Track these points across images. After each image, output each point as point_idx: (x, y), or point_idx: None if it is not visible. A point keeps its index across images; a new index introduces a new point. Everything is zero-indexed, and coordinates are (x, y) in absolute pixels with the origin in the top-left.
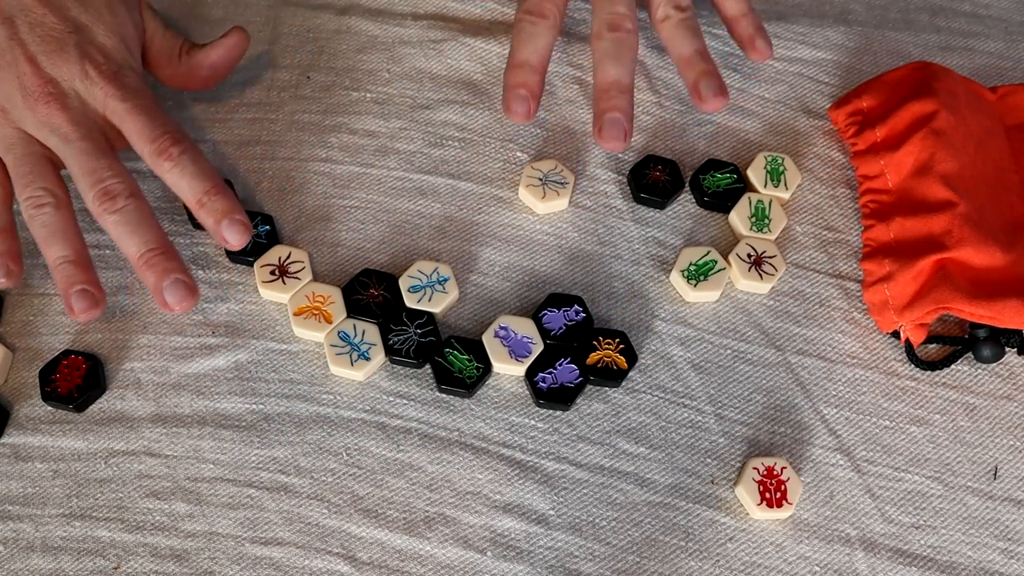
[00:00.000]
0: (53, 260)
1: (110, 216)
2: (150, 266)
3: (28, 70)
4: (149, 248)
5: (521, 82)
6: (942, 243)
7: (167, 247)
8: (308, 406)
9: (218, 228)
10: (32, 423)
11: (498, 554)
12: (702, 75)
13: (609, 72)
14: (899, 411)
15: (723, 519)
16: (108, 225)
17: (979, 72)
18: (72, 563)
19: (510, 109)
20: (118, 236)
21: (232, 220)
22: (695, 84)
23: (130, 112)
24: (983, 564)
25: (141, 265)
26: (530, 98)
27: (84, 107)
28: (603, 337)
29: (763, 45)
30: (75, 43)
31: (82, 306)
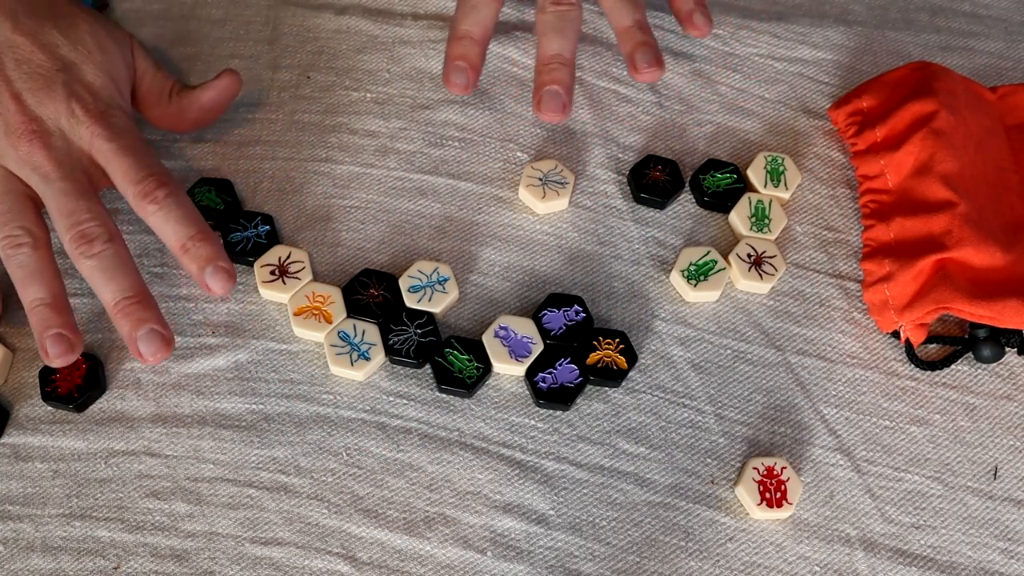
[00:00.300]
0: (29, 303)
1: (87, 260)
2: (125, 315)
3: (12, 107)
4: (125, 296)
5: (461, 54)
6: (942, 243)
7: (144, 295)
8: (308, 406)
9: (201, 275)
10: (32, 423)
11: (498, 554)
12: (638, 46)
13: (552, 44)
14: (899, 411)
15: (723, 519)
16: (84, 270)
17: (979, 72)
18: (72, 563)
19: (449, 80)
20: (94, 281)
21: (216, 268)
22: (631, 54)
23: (116, 152)
24: (983, 564)
25: (116, 313)
26: (469, 70)
27: (68, 146)
28: (603, 337)
29: (701, 20)
30: (63, 81)
31: (57, 351)
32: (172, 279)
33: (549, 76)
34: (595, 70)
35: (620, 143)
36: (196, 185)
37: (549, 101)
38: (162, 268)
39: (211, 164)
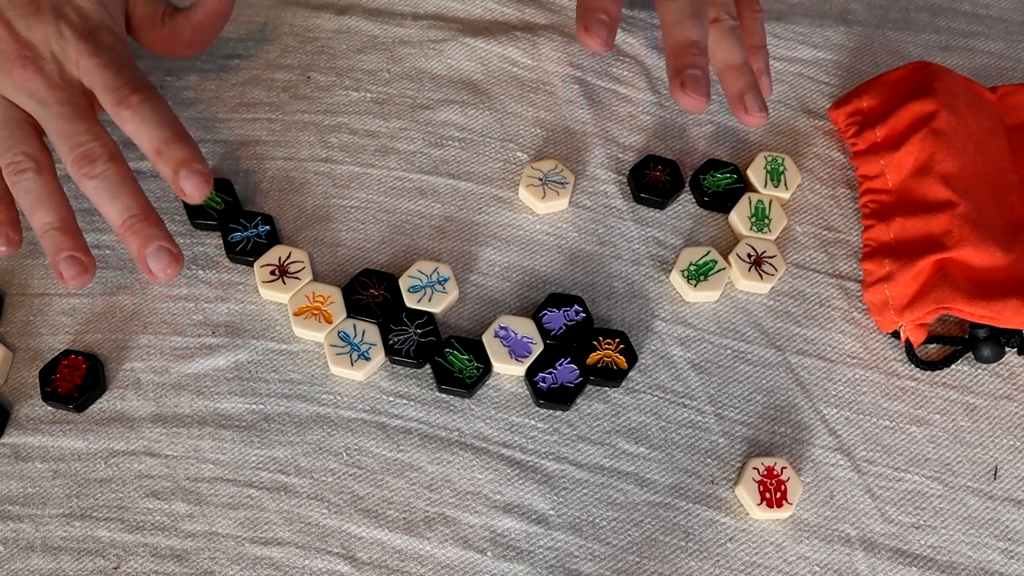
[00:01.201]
0: (39, 227)
1: (90, 181)
2: (132, 232)
3: (3, 34)
4: (132, 214)
5: (601, 6)
6: (942, 243)
7: (149, 213)
8: (308, 406)
9: (176, 179)
10: (32, 423)
11: (498, 554)
12: (748, 87)
13: (691, 31)
14: (899, 411)
15: (723, 519)
16: (88, 190)
17: (979, 72)
18: (72, 563)
19: (589, 31)
20: (98, 201)
21: (191, 170)
22: (740, 94)
23: (97, 67)
24: (983, 564)
25: (124, 231)
26: (611, 24)
27: (61, 70)
28: (603, 337)
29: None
30: (50, 4)
31: (71, 273)
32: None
33: (692, 60)
34: (595, 70)
35: (620, 143)
36: None
37: (694, 83)
38: None
39: (211, 164)
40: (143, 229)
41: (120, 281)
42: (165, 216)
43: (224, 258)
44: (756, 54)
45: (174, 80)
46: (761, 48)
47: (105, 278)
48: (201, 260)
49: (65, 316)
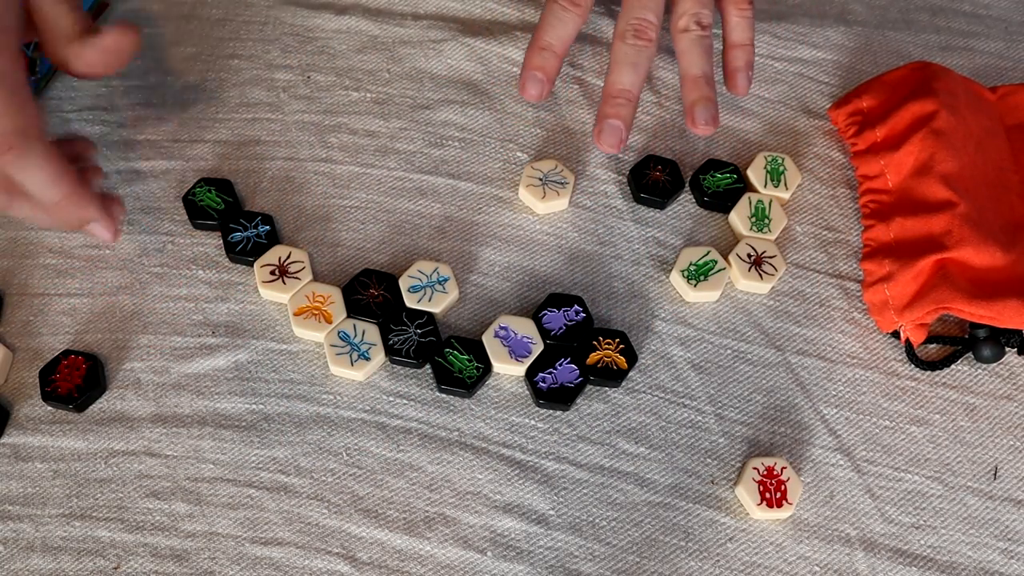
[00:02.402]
0: None
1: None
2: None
3: None
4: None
5: (540, 65)
6: (942, 243)
7: None
8: (308, 406)
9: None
10: (32, 423)
11: (498, 554)
12: (701, 99)
13: (623, 78)
14: (899, 411)
15: (723, 519)
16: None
17: (979, 72)
18: (72, 563)
19: (525, 89)
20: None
21: (95, 228)
22: (692, 105)
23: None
24: (983, 564)
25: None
26: (546, 81)
27: None
28: (603, 337)
29: (743, 82)
30: None
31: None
32: (172, 279)
33: (614, 110)
34: (595, 70)
35: None
36: (196, 185)
37: (609, 136)
38: (161, 268)
39: (211, 164)
40: None
41: (120, 281)
42: (165, 216)
43: (224, 258)
44: (734, 50)
45: (175, 80)
46: (742, 46)
47: (105, 278)
48: (201, 260)
49: (65, 316)
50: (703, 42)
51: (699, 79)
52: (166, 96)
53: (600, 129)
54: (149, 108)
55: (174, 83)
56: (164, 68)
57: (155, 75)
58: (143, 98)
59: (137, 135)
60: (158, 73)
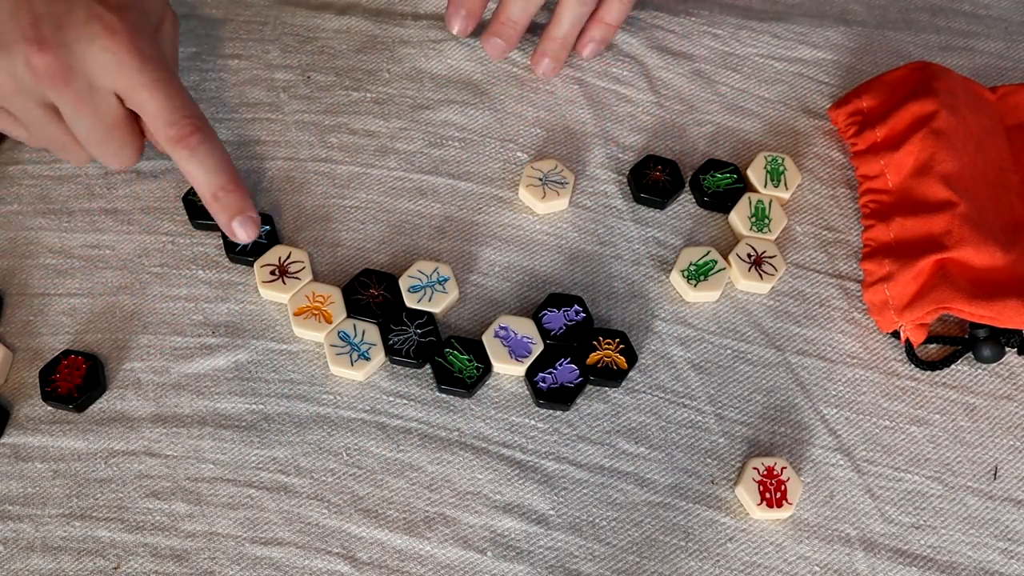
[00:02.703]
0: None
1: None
2: (220, 204)
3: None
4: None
5: (463, 2)
6: (942, 243)
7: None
8: (308, 406)
9: (230, 225)
10: (32, 423)
11: (498, 554)
12: (551, 53)
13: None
14: (899, 411)
15: (723, 519)
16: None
17: (979, 72)
18: (72, 563)
19: (449, 21)
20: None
21: (245, 218)
22: (542, 54)
23: (146, 89)
24: (983, 564)
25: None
26: (469, 18)
27: (90, 84)
28: (603, 337)
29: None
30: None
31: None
32: (172, 279)
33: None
34: (595, 70)
35: (620, 143)
36: None
37: (492, 47)
38: (162, 268)
39: None
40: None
41: (120, 281)
42: (165, 216)
43: (224, 258)
44: (599, 24)
45: None
46: (608, 24)
47: (105, 278)
48: (201, 260)
49: (65, 316)
50: (578, 10)
51: (558, 39)
52: None
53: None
54: None
55: None
56: None
57: None
58: None
59: None
60: None
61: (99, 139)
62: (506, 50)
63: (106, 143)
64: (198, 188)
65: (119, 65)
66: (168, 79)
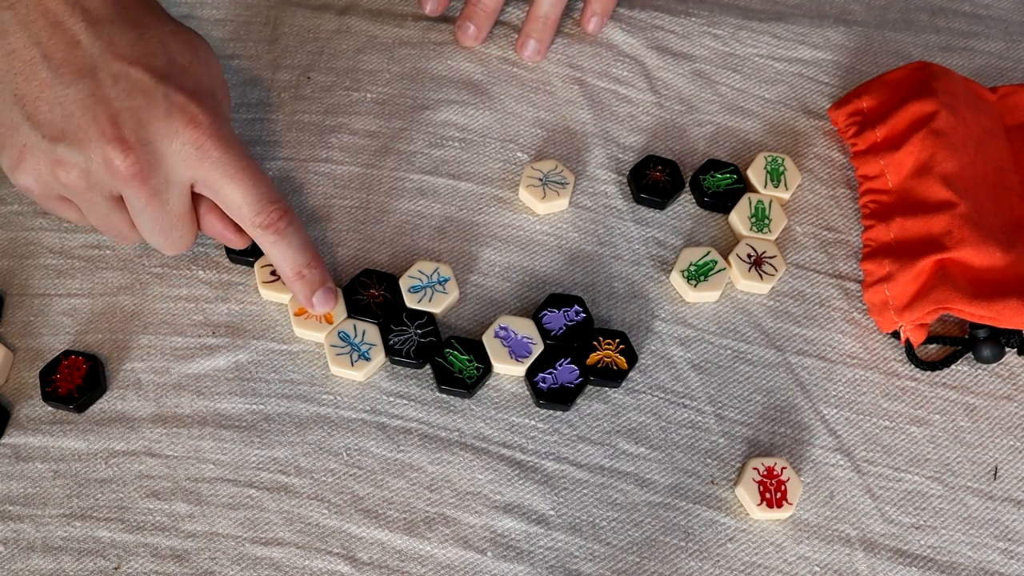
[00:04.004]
0: None
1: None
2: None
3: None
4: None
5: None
6: (942, 243)
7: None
8: (308, 406)
9: (310, 299)
10: (33, 423)
11: (498, 554)
12: (535, 34)
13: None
14: (899, 411)
15: (723, 519)
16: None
17: (979, 72)
18: (72, 563)
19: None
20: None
21: (325, 290)
22: (527, 36)
23: (232, 181)
24: (983, 564)
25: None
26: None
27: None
28: (603, 337)
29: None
30: (163, 94)
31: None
32: (172, 279)
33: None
34: (595, 70)
35: (620, 143)
36: None
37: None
38: (162, 268)
39: None
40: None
41: (120, 281)
42: None
43: (224, 258)
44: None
45: None
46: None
47: (105, 278)
48: (201, 260)
49: (65, 316)
50: None
51: (540, 19)
52: None
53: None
54: None
55: None
56: None
57: None
58: None
59: None
60: None
61: (161, 229)
62: (478, 36)
63: (167, 233)
64: (281, 268)
65: (201, 158)
66: (250, 166)
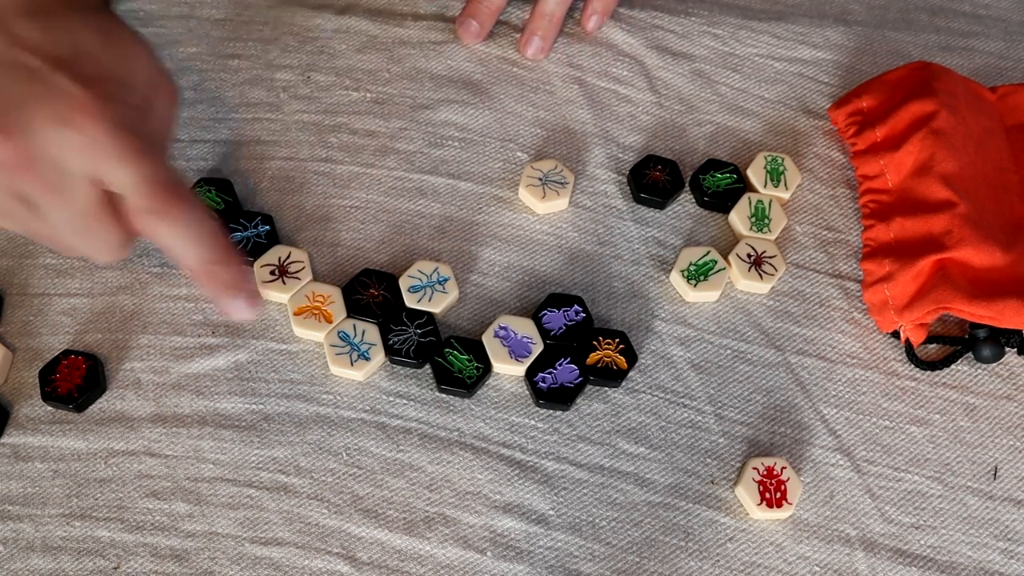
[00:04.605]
0: None
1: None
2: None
3: None
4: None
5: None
6: (942, 243)
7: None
8: (308, 406)
9: (221, 298)
10: (32, 423)
11: (498, 554)
12: (539, 31)
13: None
14: (899, 411)
15: (723, 519)
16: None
17: (979, 72)
18: (72, 563)
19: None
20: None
21: (246, 293)
22: (531, 33)
23: (120, 159)
24: (983, 564)
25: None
26: (481, 30)
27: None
28: (603, 337)
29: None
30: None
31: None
32: (172, 279)
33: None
34: (595, 70)
35: (620, 143)
36: (196, 185)
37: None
38: (162, 268)
39: (211, 164)
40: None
41: (120, 281)
42: None
43: None
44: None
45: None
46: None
47: (104, 278)
48: None
49: (65, 316)
50: None
51: (546, 16)
52: None
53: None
54: None
55: None
56: None
57: None
58: None
59: None
60: None
61: (76, 230)
62: (480, 33)
63: (84, 234)
64: (183, 262)
65: (90, 144)
66: (141, 148)
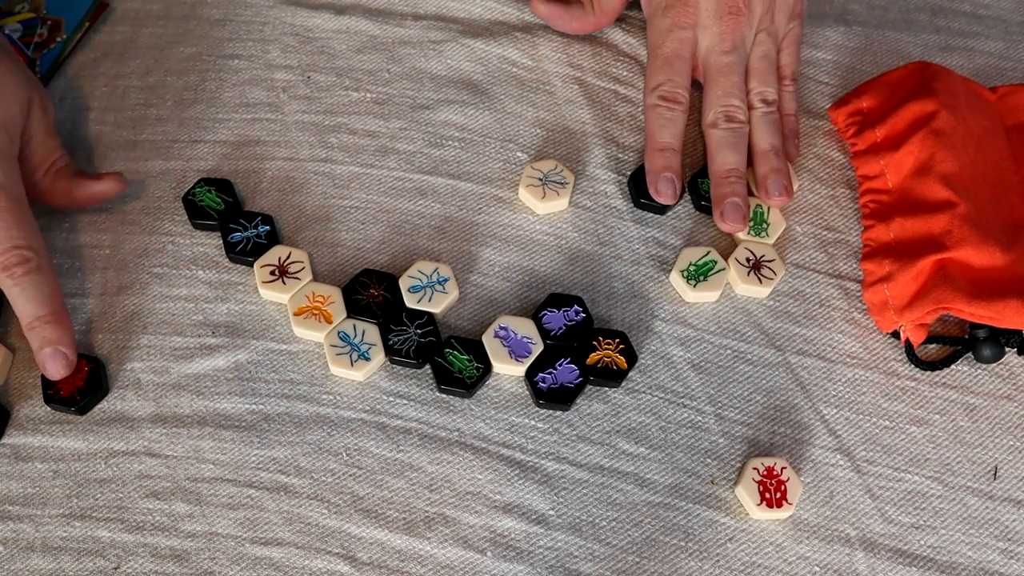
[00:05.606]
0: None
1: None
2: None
3: None
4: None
5: (665, 165)
6: (942, 243)
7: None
8: (308, 406)
9: (40, 355)
10: (32, 423)
11: (498, 554)
12: (772, 172)
13: (728, 159)
14: (899, 411)
15: (723, 519)
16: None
17: (979, 72)
18: (72, 563)
19: (658, 192)
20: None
21: (55, 352)
22: (764, 178)
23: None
24: (983, 564)
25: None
26: (675, 179)
27: None
28: (603, 337)
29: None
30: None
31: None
32: (172, 279)
33: (729, 189)
34: (595, 70)
35: (620, 143)
36: (196, 185)
37: (732, 212)
38: (161, 268)
39: (211, 164)
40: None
41: (120, 281)
42: (164, 216)
43: (224, 258)
44: (785, 120)
45: (175, 80)
46: (789, 115)
47: (105, 278)
48: (201, 260)
49: None
50: (769, 117)
51: (768, 152)
52: (166, 96)
53: (721, 210)
54: (149, 108)
55: (174, 83)
56: (164, 68)
57: (155, 75)
58: (143, 98)
59: (137, 135)
60: (158, 73)
61: None
62: (748, 213)
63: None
64: (18, 315)
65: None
66: (7, 210)
